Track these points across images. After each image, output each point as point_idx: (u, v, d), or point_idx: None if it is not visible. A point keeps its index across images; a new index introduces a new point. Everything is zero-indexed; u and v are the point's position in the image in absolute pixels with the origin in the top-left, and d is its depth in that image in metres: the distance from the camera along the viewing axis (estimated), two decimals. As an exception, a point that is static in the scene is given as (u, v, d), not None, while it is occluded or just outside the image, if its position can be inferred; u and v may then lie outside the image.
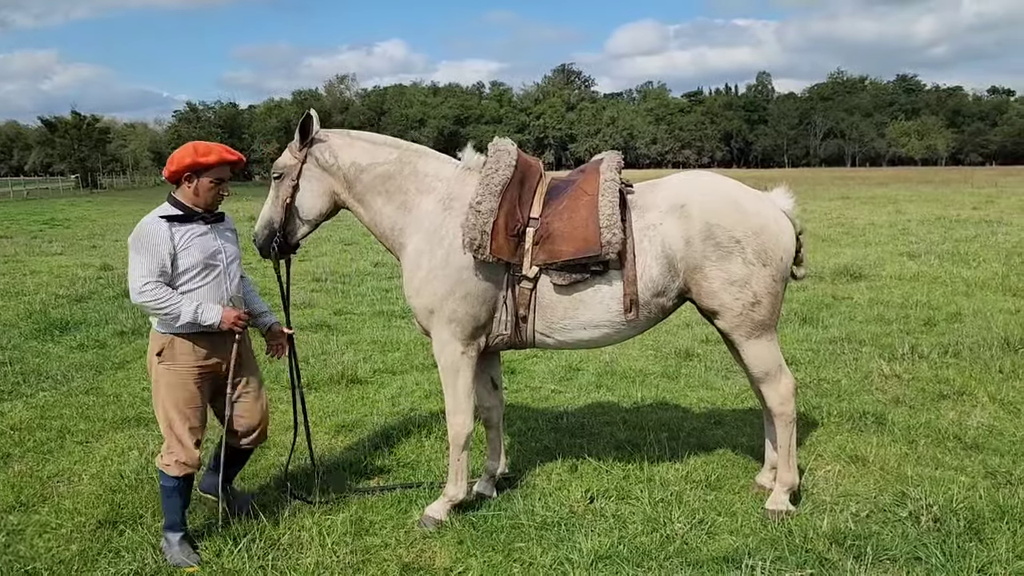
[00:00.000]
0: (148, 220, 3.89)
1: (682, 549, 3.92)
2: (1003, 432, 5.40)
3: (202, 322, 3.84)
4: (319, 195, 4.37)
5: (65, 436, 5.68)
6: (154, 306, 3.80)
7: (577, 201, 4.12)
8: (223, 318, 3.90)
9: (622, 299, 4.10)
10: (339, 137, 4.42)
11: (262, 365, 7.46)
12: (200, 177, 3.91)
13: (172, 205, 3.94)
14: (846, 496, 4.48)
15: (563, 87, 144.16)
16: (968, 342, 7.66)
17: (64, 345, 8.40)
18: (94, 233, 22.56)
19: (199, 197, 3.95)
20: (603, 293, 4.12)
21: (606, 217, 4.00)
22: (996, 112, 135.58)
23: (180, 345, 3.90)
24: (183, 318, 3.81)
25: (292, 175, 4.32)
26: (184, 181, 3.93)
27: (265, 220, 4.40)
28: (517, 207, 4.11)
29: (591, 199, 4.08)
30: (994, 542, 3.86)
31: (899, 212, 24.36)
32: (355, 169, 4.35)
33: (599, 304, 4.14)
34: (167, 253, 3.83)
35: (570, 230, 4.05)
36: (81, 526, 4.26)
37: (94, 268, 14.34)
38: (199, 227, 3.95)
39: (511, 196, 4.11)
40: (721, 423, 5.86)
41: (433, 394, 6.54)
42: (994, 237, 16.42)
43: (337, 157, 4.35)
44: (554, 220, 4.11)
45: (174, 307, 3.79)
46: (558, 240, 4.05)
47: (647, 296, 4.12)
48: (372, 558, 3.91)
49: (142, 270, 3.81)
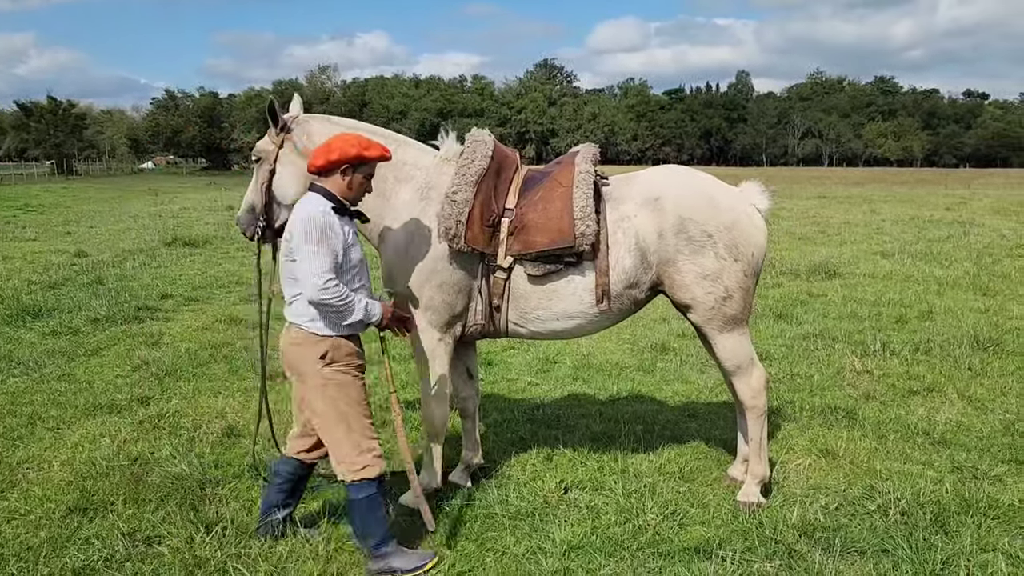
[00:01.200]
0: (319, 210, 3.56)
1: (654, 540, 3.96)
2: (970, 428, 5.50)
3: (371, 319, 3.65)
4: (295, 179, 4.29)
5: (36, 422, 5.62)
6: (336, 303, 3.49)
7: (552, 192, 4.14)
8: (383, 314, 3.71)
9: (594, 290, 4.13)
10: (318, 122, 4.38)
11: (243, 353, 7.43)
12: (357, 171, 3.68)
13: (326, 197, 3.66)
14: (816, 489, 4.54)
15: (545, 82, 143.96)
16: (939, 340, 7.78)
17: (36, 331, 8.29)
18: (69, 220, 22.25)
19: (351, 191, 3.71)
20: (576, 284, 4.15)
21: (580, 209, 4.01)
22: (971, 115, 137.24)
23: (344, 346, 3.66)
24: (355, 315, 3.57)
25: (269, 160, 4.28)
26: (340, 173, 3.65)
27: (248, 204, 4.35)
28: (492, 198, 4.13)
29: (565, 191, 4.10)
30: (959, 535, 3.93)
31: (874, 212, 24.61)
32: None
33: (572, 295, 4.16)
34: (340, 248, 3.57)
35: (544, 221, 4.06)
36: (50, 513, 4.22)
37: (68, 255, 14.16)
38: (351, 223, 3.78)
39: (487, 187, 4.12)
40: (695, 416, 5.91)
41: (408, 384, 6.54)
42: (966, 238, 16.65)
43: (314, 142, 4.30)
44: (529, 211, 4.12)
45: (350, 304, 3.53)
46: (532, 231, 4.07)
47: (619, 288, 4.15)
48: (345, 546, 3.91)
49: (325, 264, 3.47)
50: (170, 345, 7.85)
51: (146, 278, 11.85)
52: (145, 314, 9.26)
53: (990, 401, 6.06)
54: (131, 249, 15.00)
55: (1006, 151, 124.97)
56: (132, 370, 6.92)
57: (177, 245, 15.59)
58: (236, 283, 11.59)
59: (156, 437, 5.35)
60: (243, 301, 10.19)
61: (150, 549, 3.86)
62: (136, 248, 15.15)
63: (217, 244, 16.15)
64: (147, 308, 9.56)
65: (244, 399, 6.17)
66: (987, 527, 4.03)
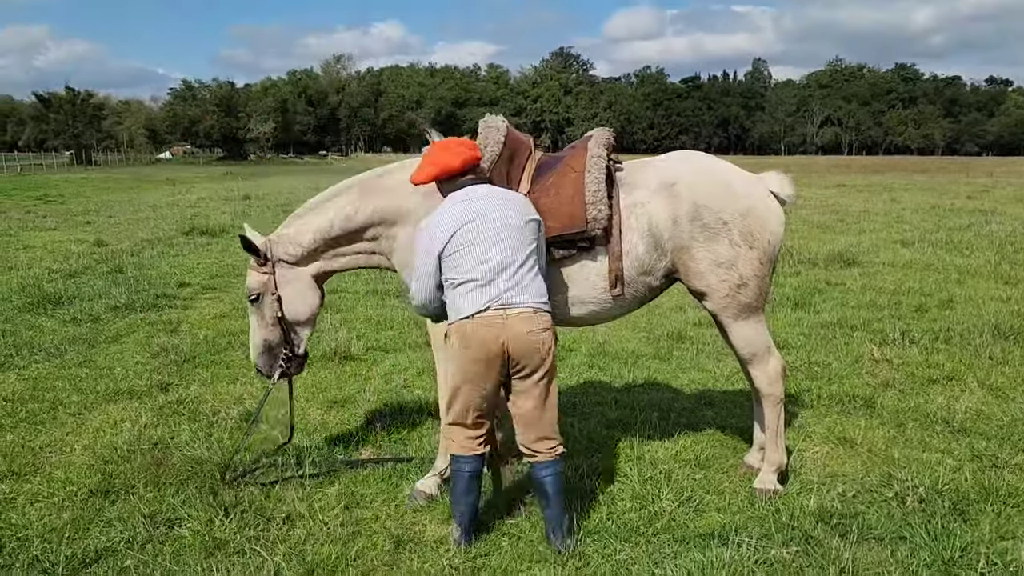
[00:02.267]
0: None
1: (670, 526, 3.96)
2: (991, 417, 5.45)
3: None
4: (305, 288, 4.32)
5: (58, 408, 5.69)
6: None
7: (564, 178, 4.12)
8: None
9: (608, 276, 4.11)
10: (288, 226, 4.35)
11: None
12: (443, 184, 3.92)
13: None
14: (833, 477, 4.53)
15: (561, 71, 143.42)
16: (959, 329, 7.70)
17: (57, 319, 8.39)
18: (88, 209, 22.44)
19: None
20: (589, 269, 4.12)
21: (592, 193, 3.99)
22: (994, 102, 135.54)
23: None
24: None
25: (269, 290, 4.27)
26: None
27: (261, 345, 4.34)
28: (505, 184, 4.12)
29: (577, 176, 4.08)
30: (978, 523, 3.90)
31: (894, 200, 24.38)
32: (323, 239, 4.30)
33: (585, 280, 4.14)
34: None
35: (556, 206, 4.04)
36: (73, 495, 4.28)
37: (88, 244, 14.30)
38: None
39: (499, 173, 4.11)
40: (712, 404, 5.89)
41: (426, 372, 6.56)
42: (988, 227, 16.45)
43: (300, 243, 4.29)
44: (541, 197, 4.10)
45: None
46: (545, 217, 4.05)
47: (633, 274, 4.12)
48: (362, 530, 3.94)
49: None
50: (188, 332, 7.92)
51: (164, 267, 11.96)
52: (163, 302, 9.34)
53: (1011, 390, 6.00)
54: (149, 238, 15.14)
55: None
56: (151, 357, 6.99)
57: (194, 234, 15.70)
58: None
59: (176, 422, 5.40)
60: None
61: (171, 531, 3.91)
62: (154, 237, 15.29)
63: (233, 233, 16.20)
64: (165, 296, 9.65)
65: (261, 385, 6.21)
66: (1007, 515, 4.00)
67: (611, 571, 3.54)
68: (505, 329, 3.54)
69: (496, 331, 3.54)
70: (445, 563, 3.61)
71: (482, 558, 3.70)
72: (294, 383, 4.58)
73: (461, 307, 3.60)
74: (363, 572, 3.58)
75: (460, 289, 3.61)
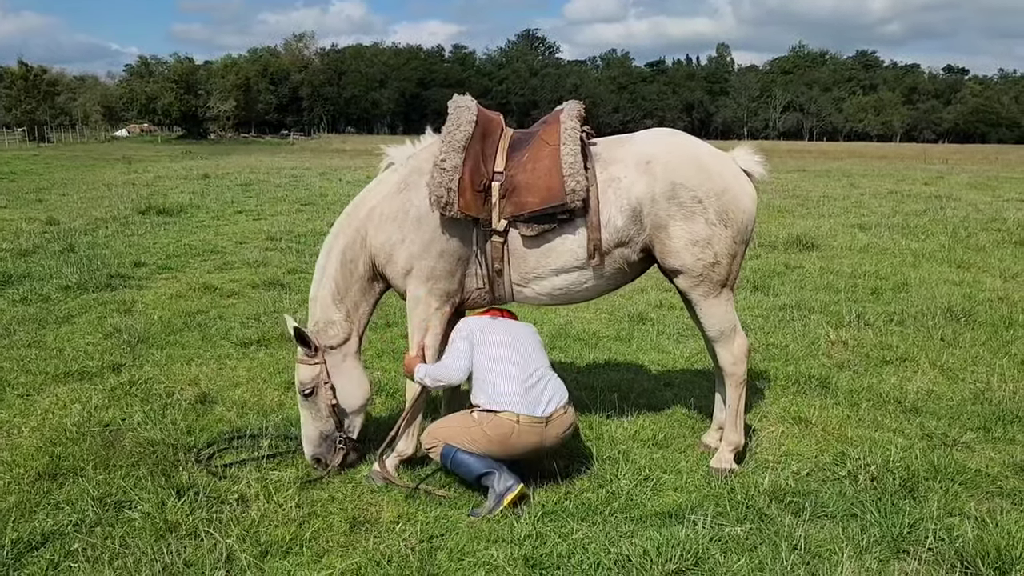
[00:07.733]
0: None
1: (627, 505, 3.98)
2: (941, 396, 5.57)
3: None
4: (355, 374, 4.36)
5: (5, 389, 5.54)
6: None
7: (540, 152, 4.11)
8: None
9: (586, 245, 4.11)
10: (321, 307, 4.34)
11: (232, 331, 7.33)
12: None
13: None
14: (788, 455, 4.59)
15: (527, 52, 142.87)
16: (913, 311, 7.85)
17: (6, 298, 8.15)
18: (40, 187, 21.83)
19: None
20: (569, 241, 4.14)
21: (568, 166, 3.99)
22: (950, 91, 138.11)
23: None
24: None
25: (322, 380, 4.26)
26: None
27: (317, 436, 4.32)
28: (481, 162, 4.09)
29: (553, 149, 4.07)
30: (927, 499, 3.99)
31: (853, 186, 24.74)
32: (352, 303, 4.36)
33: (568, 251, 4.15)
34: None
35: (534, 181, 4.04)
36: (20, 478, 4.17)
37: (39, 222, 13.91)
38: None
39: (474, 151, 4.09)
40: (671, 385, 5.93)
41: (385, 353, 6.52)
42: (943, 212, 16.79)
43: (339, 324, 4.32)
44: (518, 172, 4.09)
45: None
46: (523, 192, 4.04)
47: (610, 245, 4.14)
48: (318, 511, 3.90)
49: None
50: (143, 313, 7.75)
51: (119, 246, 11.67)
52: (118, 282, 9.12)
53: (961, 371, 6.13)
54: (103, 217, 14.75)
55: (984, 127, 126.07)
56: (104, 337, 6.82)
57: (151, 213, 15.34)
58: (211, 251, 11.45)
59: (128, 404, 5.29)
60: (218, 269, 10.09)
61: (120, 514, 3.82)
62: (109, 216, 14.90)
63: (192, 213, 15.92)
64: (120, 276, 9.42)
65: (217, 366, 6.12)
66: (954, 492, 4.09)
67: (567, 550, 3.54)
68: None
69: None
70: (401, 543, 3.58)
71: (439, 538, 3.68)
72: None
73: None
74: (318, 553, 3.54)
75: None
